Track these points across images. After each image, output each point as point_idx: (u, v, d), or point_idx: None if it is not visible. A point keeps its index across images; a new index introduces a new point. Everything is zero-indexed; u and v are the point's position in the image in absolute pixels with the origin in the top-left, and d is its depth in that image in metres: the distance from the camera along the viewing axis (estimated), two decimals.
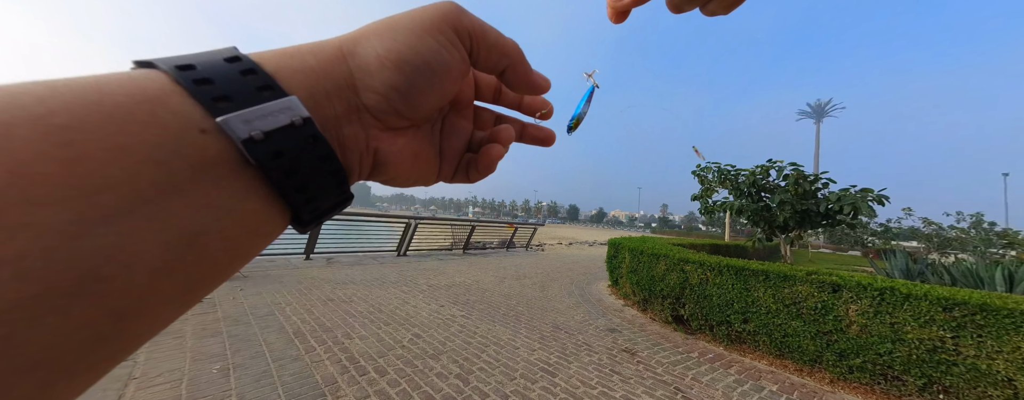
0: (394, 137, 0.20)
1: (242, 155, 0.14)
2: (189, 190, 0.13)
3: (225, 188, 0.14)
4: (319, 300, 3.59)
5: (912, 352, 2.23)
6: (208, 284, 0.14)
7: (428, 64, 0.18)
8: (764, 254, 9.92)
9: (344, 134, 0.18)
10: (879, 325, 2.35)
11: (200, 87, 0.14)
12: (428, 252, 8.03)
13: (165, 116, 0.13)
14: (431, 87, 0.19)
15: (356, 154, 0.18)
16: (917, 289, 2.30)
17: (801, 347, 2.65)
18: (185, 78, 0.14)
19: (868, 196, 4.90)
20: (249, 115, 0.14)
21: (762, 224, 6.00)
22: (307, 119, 0.15)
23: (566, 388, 2.19)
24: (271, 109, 0.14)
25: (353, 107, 0.18)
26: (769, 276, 2.88)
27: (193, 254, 0.13)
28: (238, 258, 0.15)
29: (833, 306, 2.54)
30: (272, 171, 0.15)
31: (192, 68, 0.14)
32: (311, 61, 0.17)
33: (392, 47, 0.18)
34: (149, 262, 0.12)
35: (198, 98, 0.14)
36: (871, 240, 25.13)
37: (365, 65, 0.17)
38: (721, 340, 3.17)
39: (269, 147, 0.14)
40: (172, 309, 0.14)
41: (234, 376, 2.03)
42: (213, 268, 0.14)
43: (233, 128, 0.14)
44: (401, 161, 0.20)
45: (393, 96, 0.18)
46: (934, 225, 18.74)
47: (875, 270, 6.05)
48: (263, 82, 0.15)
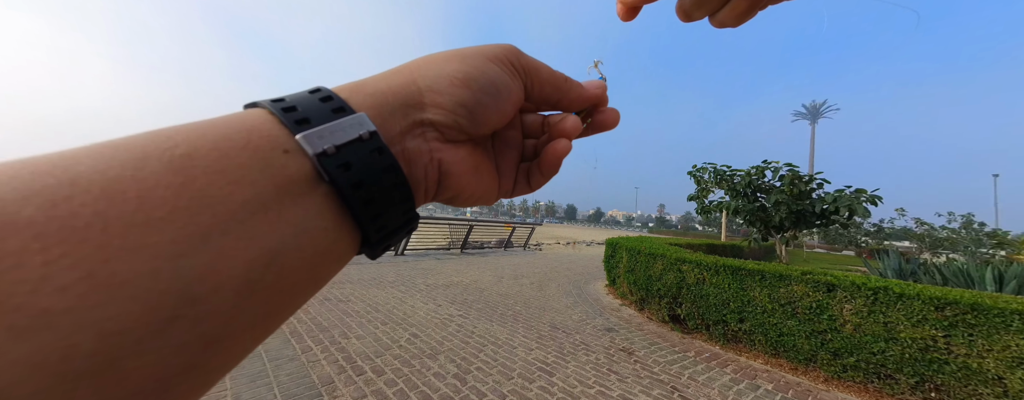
0: (455, 149, 0.21)
1: (317, 172, 0.15)
2: (272, 208, 0.13)
3: (301, 206, 0.14)
4: (316, 299, 3.57)
5: (905, 351, 2.26)
6: (284, 309, 0.15)
7: (493, 83, 0.20)
8: (760, 254, 10.01)
9: (408, 147, 0.19)
10: (873, 324, 2.38)
11: (287, 114, 0.16)
12: (426, 251, 8.01)
13: (257, 140, 0.14)
14: (495, 105, 0.20)
15: (421, 166, 0.19)
16: (910, 289, 2.33)
17: (796, 346, 2.68)
18: (276, 108, 0.16)
19: (862, 197, 4.96)
20: (323, 131, 0.15)
21: (758, 224, 6.05)
22: (373, 133, 0.16)
23: (563, 387, 2.19)
24: (342, 125, 0.16)
25: (417, 122, 0.19)
26: (765, 276, 2.90)
27: (273, 274, 0.13)
28: (312, 281, 0.16)
29: (828, 306, 2.56)
30: (341, 184, 0.15)
31: (282, 100, 0.16)
32: (382, 85, 0.19)
33: (462, 68, 0.20)
34: (235, 282, 0.12)
35: (284, 122, 0.15)
36: (865, 240, 25.46)
37: (435, 84, 0.19)
38: (717, 339, 3.19)
39: (340, 160, 0.15)
40: (251, 337, 0.14)
41: (230, 376, 2.02)
42: (290, 291, 0.14)
43: (310, 143, 0.15)
44: (464, 173, 0.21)
45: (460, 112, 0.19)
46: (926, 225, 19.02)
47: (869, 270, 6.12)
48: (337, 105, 0.17)
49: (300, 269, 0.14)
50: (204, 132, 0.14)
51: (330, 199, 0.15)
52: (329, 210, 0.15)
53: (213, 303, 0.12)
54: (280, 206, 0.14)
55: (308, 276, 0.15)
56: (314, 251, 0.15)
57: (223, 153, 0.13)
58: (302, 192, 0.15)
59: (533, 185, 0.25)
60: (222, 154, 0.13)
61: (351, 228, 0.16)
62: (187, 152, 0.13)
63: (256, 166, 0.14)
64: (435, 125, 0.19)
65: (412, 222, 0.19)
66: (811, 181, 5.54)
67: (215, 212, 0.12)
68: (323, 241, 0.15)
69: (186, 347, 0.11)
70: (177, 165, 0.12)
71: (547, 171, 0.24)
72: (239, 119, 0.15)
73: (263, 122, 0.15)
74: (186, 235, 0.11)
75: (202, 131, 0.14)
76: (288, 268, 0.14)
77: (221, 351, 0.13)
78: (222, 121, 0.15)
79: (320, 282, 0.16)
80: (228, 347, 0.13)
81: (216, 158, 0.13)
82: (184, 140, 0.13)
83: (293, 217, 0.14)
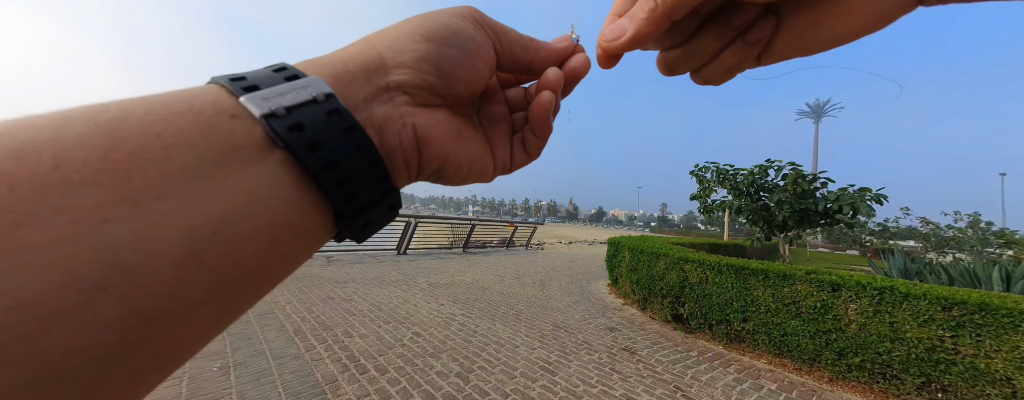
0: (430, 112, 0.19)
1: (268, 138, 0.14)
2: (217, 174, 0.12)
3: (252, 172, 0.13)
4: (319, 298, 3.59)
5: (911, 351, 2.24)
6: (244, 284, 0.13)
7: (457, 34, 0.19)
8: (763, 253, 9.95)
9: (376, 114, 0.17)
10: (878, 324, 2.36)
11: (235, 82, 0.15)
12: (428, 251, 8.03)
13: (200, 106, 0.13)
14: (463, 59, 0.19)
15: (394, 133, 0.18)
16: (916, 288, 2.30)
17: (800, 346, 2.66)
18: (225, 79, 0.15)
19: (866, 195, 4.92)
20: (269, 93, 0.14)
21: (761, 223, 6.02)
22: (330, 95, 0.15)
23: (566, 387, 2.19)
24: (292, 87, 0.15)
25: (382, 87, 0.18)
26: (769, 275, 2.88)
27: (221, 243, 0.12)
28: (276, 255, 0.14)
29: (832, 305, 2.54)
30: (294, 146, 0.14)
31: (237, 75, 0.15)
32: (340, 54, 0.18)
33: (421, 23, 0.19)
34: (175, 251, 0.11)
35: (231, 89, 0.14)
36: (869, 239, 25.24)
37: (395, 43, 0.18)
38: (720, 339, 3.18)
39: (290, 121, 0.14)
40: (207, 316, 0.13)
41: (234, 374, 2.03)
42: (247, 264, 0.13)
43: (255, 104, 0.14)
44: (445, 137, 0.19)
45: (425, 68, 0.18)
46: (932, 225, 18.83)
47: (873, 269, 6.07)
48: (291, 73, 0.16)
49: (257, 240, 0.13)
50: (139, 100, 0.13)
51: (287, 165, 0.14)
52: (287, 177, 0.14)
53: (149, 274, 0.10)
54: (227, 172, 0.13)
55: (269, 248, 0.14)
56: (272, 221, 0.13)
57: (160, 117, 0.12)
58: (252, 158, 0.13)
59: (531, 151, 0.24)
60: (158, 118, 0.12)
61: (317, 198, 0.15)
62: (117, 115, 0.12)
63: (198, 130, 0.12)
64: (402, 87, 0.18)
65: (391, 196, 0.18)
66: (815, 180, 5.50)
67: (149, 176, 0.11)
68: (283, 210, 0.14)
69: (118, 323, 0.10)
70: (105, 128, 0.11)
71: (539, 130, 0.23)
72: (183, 90, 0.14)
73: (209, 91, 0.14)
74: (113, 199, 0.10)
75: (137, 100, 0.13)
76: (241, 238, 0.13)
77: (167, 331, 0.11)
78: (165, 93, 0.13)
79: (287, 257, 0.15)
80: (176, 326, 0.11)
81: (152, 122, 0.12)
82: (116, 106, 0.12)
83: (244, 184, 0.13)
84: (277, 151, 0.14)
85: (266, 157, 0.14)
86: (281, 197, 0.14)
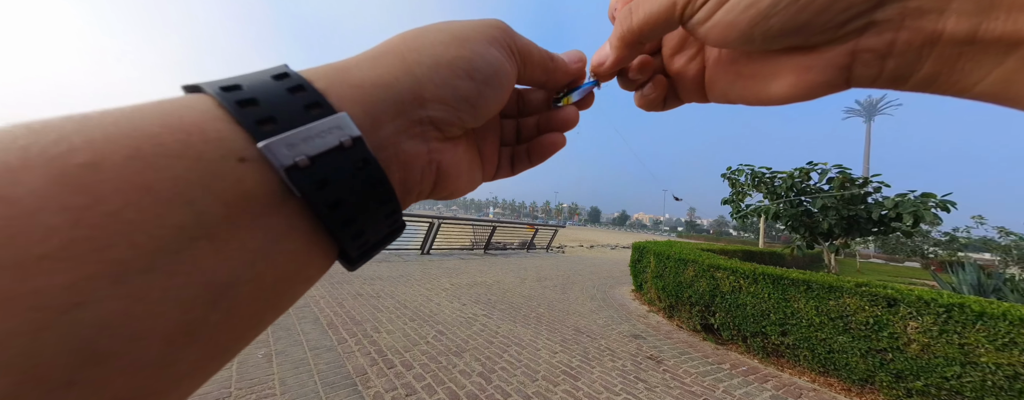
0: (454, 147, 0.18)
1: (284, 185, 0.12)
2: (220, 235, 0.10)
3: (262, 226, 0.11)
4: (349, 294, 3.77)
5: (987, 377, 1.97)
6: (234, 347, 0.12)
7: (496, 73, 0.18)
8: (803, 263, 9.20)
9: (405, 150, 0.16)
10: (945, 345, 2.11)
11: (244, 109, 0.12)
12: (450, 251, 8.20)
13: (200, 146, 0.11)
14: (496, 96, 0.18)
15: (417, 169, 0.17)
16: (993, 307, 2.04)
17: (849, 364, 2.43)
18: (228, 100, 0.12)
19: (930, 201, 4.42)
20: (293, 138, 0.12)
21: (802, 230, 5.58)
22: (357, 139, 0.13)
23: (589, 393, 2.15)
24: (318, 130, 0.12)
25: (416, 120, 0.16)
26: (811, 286, 2.67)
27: (220, 313, 0.11)
28: (271, 311, 0.13)
29: (888, 322, 2.31)
30: (317, 204, 0.12)
31: (238, 88, 0.13)
32: (370, 74, 0.15)
33: (463, 55, 0.17)
34: (165, 328, 0.09)
35: (241, 121, 0.12)
36: (933, 250, 22.57)
37: (435, 74, 0.16)
38: (755, 352, 2.97)
39: (315, 176, 0.12)
40: (190, 385, 0.11)
41: (276, 362, 2.18)
42: (242, 327, 0.12)
43: (276, 154, 0.12)
44: (462, 173, 0.19)
45: (463, 107, 0.17)
46: (1013, 235, 16.49)
47: (939, 284, 5.42)
48: (311, 100, 0.13)
49: (258, 300, 0.12)
50: (120, 132, 0.10)
51: (301, 216, 0.12)
52: (299, 229, 0.12)
53: (131, 357, 0.09)
54: (232, 230, 0.11)
55: (269, 306, 0.12)
56: (277, 278, 0.12)
57: (147, 164, 0.10)
58: (262, 211, 0.11)
59: (516, 170, 0.24)
60: (146, 164, 0.10)
61: (326, 245, 0.14)
62: (91, 161, 0.09)
63: (198, 181, 0.10)
64: (435, 122, 0.16)
65: (397, 233, 0.17)
66: (866, 184, 5.02)
67: (134, 243, 0.09)
68: (290, 266, 0.12)
69: None
70: (74, 179, 0.09)
71: (537, 160, 0.23)
72: (175, 114, 0.11)
73: (209, 118, 0.11)
74: (87, 276, 0.08)
75: (116, 129, 0.10)
76: (242, 303, 0.11)
77: None
78: (147, 116, 0.11)
79: (281, 310, 0.13)
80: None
81: (137, 170, 0.09)
82: (85, 144, 0.09)
83: (251, 242, 0.11)
84: (292, 201, 0.12)
85: (279, 209, 0.12)
86: (291, 251, 0.12)
